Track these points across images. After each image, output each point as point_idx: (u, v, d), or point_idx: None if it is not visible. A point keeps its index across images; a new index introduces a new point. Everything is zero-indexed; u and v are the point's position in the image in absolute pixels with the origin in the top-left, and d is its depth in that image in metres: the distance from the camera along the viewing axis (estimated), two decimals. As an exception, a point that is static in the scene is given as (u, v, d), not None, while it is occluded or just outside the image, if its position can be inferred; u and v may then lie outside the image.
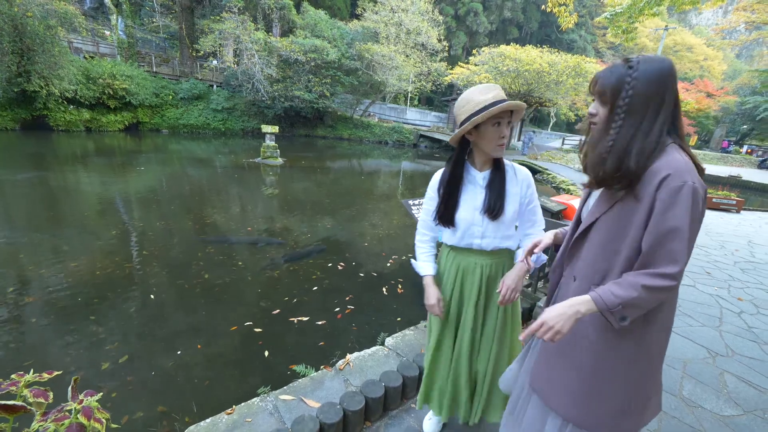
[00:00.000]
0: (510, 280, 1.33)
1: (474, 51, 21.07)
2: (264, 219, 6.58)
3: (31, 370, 1.04)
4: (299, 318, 3.41)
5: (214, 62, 21.80)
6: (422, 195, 1.70)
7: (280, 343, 3.07)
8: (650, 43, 32.07)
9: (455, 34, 33.03)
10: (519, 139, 25.57)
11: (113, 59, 18.37)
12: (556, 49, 19.36)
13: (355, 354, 2.21)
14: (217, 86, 21.34)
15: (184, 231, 5.67)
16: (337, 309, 3.62)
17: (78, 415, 0.94)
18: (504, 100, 1.22)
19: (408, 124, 27.06)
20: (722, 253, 5.16)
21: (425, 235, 1.52)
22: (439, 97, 31.61)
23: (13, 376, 1.02)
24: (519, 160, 16.75)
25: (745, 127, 29.96)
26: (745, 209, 9.27)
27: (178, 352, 2.86)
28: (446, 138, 24.03)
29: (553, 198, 5.53)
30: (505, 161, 1.41)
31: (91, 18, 20.54)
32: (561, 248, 1.19)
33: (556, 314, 0.91)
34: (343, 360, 2.14)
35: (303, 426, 1.54)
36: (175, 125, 19.21)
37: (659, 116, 0.90)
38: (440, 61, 23.26)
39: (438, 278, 1.52)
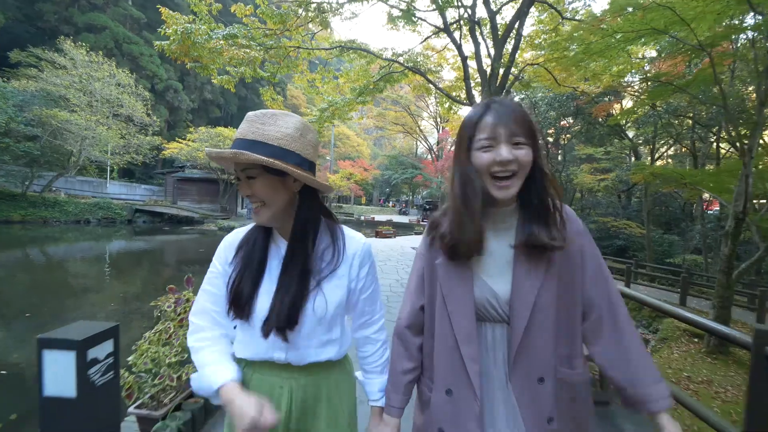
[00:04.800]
0: None
1: (191, 129, 22.22)
2: None
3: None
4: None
5: None
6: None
7: None
8: (326, 132, 43.90)
9: (156, 108, 32.33)
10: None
11: None
12: (264, 133, 23.73)
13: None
14: None
15: None
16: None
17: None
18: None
19: (114, 198, 23.68)
20: (397, 254, 9.59)
21: (206, 330, 0.87)
22: (149, 170, 29.56)
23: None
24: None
25: (388, 190, 45.88)
26: (398, 235, 16.00)
27: None
28: (168, 211, 23.04)
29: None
30: (331, 225, 0.90)
31: None
32: (467, 361, 0.78)
33: None
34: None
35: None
36: None
37: None
38: (153, 134, 22.55)
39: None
